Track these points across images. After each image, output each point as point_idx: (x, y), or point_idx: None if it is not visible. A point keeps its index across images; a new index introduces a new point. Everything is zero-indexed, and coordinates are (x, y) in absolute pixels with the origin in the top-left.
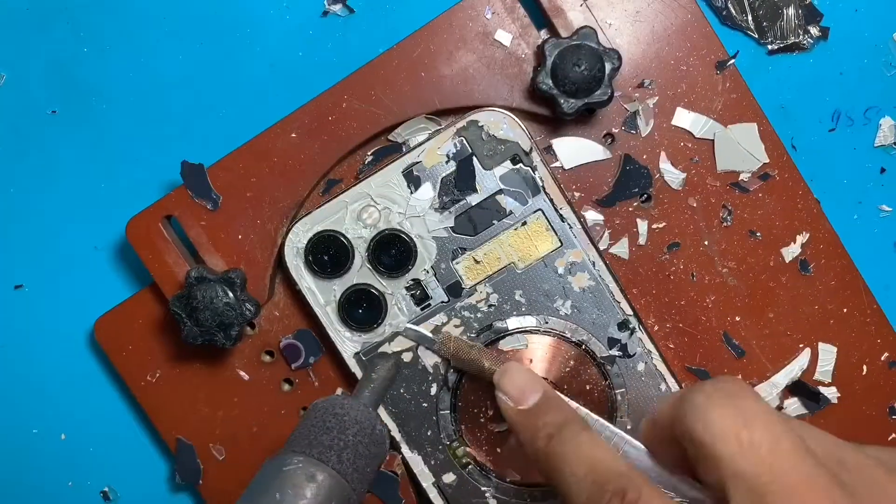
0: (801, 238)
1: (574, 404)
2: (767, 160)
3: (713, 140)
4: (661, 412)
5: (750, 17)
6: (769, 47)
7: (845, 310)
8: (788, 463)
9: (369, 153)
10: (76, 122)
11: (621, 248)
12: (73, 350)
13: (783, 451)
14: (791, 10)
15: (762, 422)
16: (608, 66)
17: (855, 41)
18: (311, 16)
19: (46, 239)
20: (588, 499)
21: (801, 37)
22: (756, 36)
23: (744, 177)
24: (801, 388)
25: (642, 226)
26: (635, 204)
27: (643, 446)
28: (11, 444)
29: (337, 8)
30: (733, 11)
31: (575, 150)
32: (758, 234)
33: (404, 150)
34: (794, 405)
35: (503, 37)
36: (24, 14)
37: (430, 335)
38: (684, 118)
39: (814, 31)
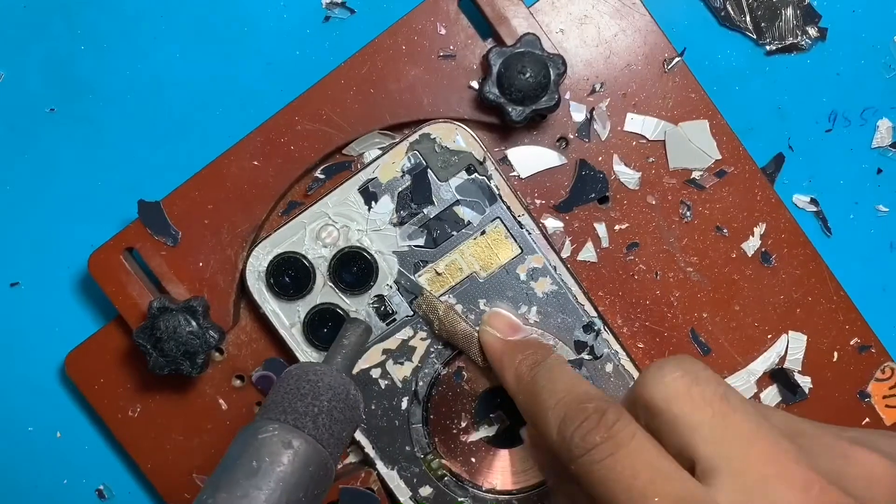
0: (759, 229)
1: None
2: (720, 157)
3: (664, 140)
4: (623, 398)
5: (748, 18)
6: (767, 48)
7: (810, 298)
8: (738, 414)
9: (319, 170)
10: (74, 120)
11: (588, 253)
12: (69, 347)
13: (733, 403)
14: (789, 11)
15: (712, 381)
16: (553, 72)
17: (852, 42)
18: (309, 15)
19: (44, 237)
20: (566, 416)
21: (799, 37)
22: (754, 36)
23: (696, 174)
24: (780, 376)
25: (600, 228)
26: (593, 207)
27: None
28: (6, 442)
29: (337, 11)
30: (731, 12)
31: (530, 157)
32: (720, 227)
33: (357, 166)
34: (771, 394)
35: (449, 49)
36: (22, 12)
37: (416, 282)
38: (636, 123)
39: (812, 31)
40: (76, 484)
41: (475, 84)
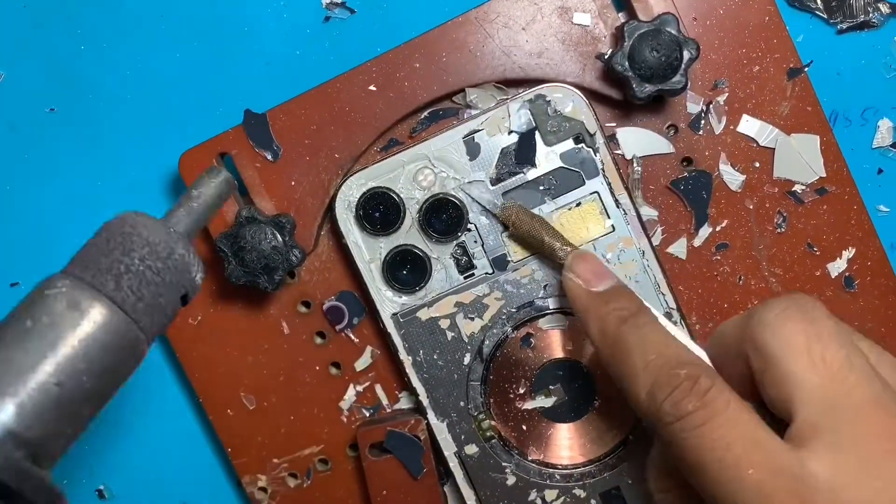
0: (847, 253)
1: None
2: (825, 174)
3: (774, 147)
4: (726, 328)
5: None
6: (839, 27)
7: (884, 329)
8: (859, 381)
9: (426, 112)
10: (74, 120)
11: (678, 248)
12: None
13: (855, 368)
14: None
15: (835, 339)
16: (686, 55)
17: (852, 42)
18: (309, 15)
19: (43, 237)
20: (657, 381)
21: (870, 14)
22: (825, 16)
23: (798, 188)
24: None
25: (704, 230)
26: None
27: (706, 356)
28: None
29: (337, 11)
30: None
31: (639, 140)
32: (811, 245)
33: (463, 115)
34: None
35: (582, 14)
36: (22, 12)
37: (493, 199)
38: (750, 126)
39: (884, 8)
40: (76, 484)
41: (605, 51)
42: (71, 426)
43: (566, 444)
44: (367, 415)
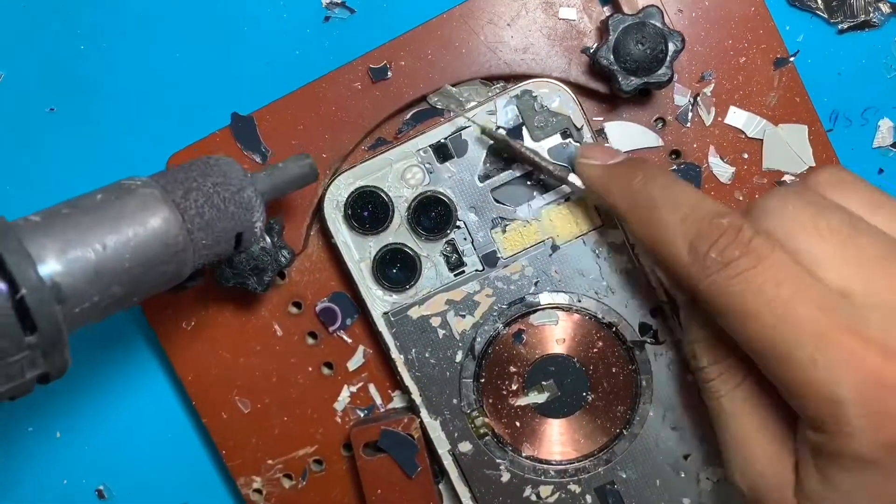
0: None
1: None
2: (814, 164)
3: (763, 139)
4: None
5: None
6: (839, 27)
7: None
8: (868, 239)
9: (408, 115)
10: (74, 120)
11: None
12: (70, 347)
13: (862, 230)
14: None
15: (836, 210)
16: (671, 48)
17: (853, 42)
18: (309, 15)
19: None
20: (699, 232)
21: (871, 14)
22: (826, 16)
23: (787, 178)
24: None
25: None
26: None
27: None
28: (6, 442)
29: (337, 11)
30: None
31: (627, 134)
32: None
33: (444, 115)
34: None
35: (567, 9)
36: (21, 12)
37: (503, 137)
38: (738, 117)
39: (884, 8)
40: (76, 484)
41: (590, 45)
42: (98, 294)
43: (560, 440)
44: (361, 415)
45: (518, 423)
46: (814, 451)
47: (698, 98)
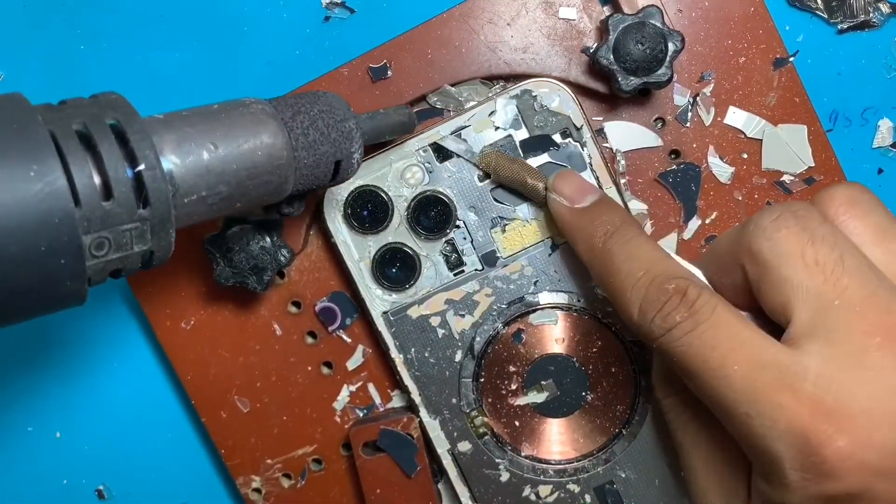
0: None
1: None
2: (813, 164)
3: (762, 139)
4: (720, 241)
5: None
6: (839, 27)
7: None
8: (852, 280)
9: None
10: None
11: (668, 244)
12: (70, 347)
13: (848, 269)
14: None
15: (828, 242)
16: (671, 47)
17: (852, 42)
18: (309, 15)
19: None
20: (646, 298)
21: (870, 14)
22: (825, 16)
23: (786, 178)
24: None
25: (693, 223)
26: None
27: (700, 272)
28: (6, 442)
29: (337, 11)
30: None
31: (627, 134)
32: None
33: (444, 114)
34: None
35: (567, 8)
36: (21, 12)
37: (469, 147)
38: (737, 118)
39: (884, 8)
40: (76, 484)
41: (590, 44)
42: (206, 190)
43: (559, 440)
44: (360, 414)
45: (517, 423)
46: (763, 498)
47: (698, 98)
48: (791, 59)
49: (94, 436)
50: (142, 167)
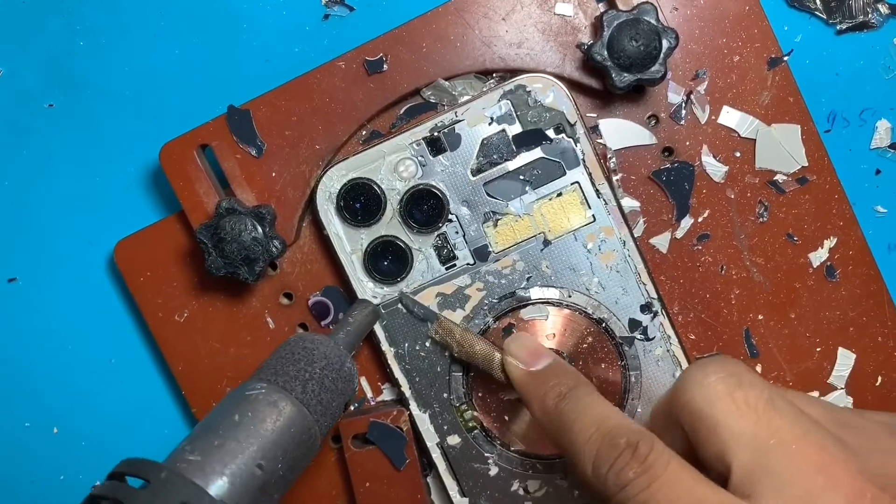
0: (829, 243)
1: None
2: (806, 163)
3: (755, 138)
4: (658, 404)
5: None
6: (838, 27)
7: (865, 319)
8: (784, 420)
9: (402, 109)
10: (72, 116)
11: (661, 241)
12: (67, 342)
13: (779, 409)
14: None
15: (756, 385)
16: (665, 44)
17: (851, 42)
18: (308, 13)
19: (41, 233)
20: (598, 454)
21: (869, 15)
22: (824, 16)
23: (779, 177)
24: None
25: (686, 221)
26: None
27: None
28: (3, 438)
29: (336, 8)
30: None
31: (621, 131)
32: (791, 235)
33: (438, 108)
34: None
35: (563, 4)
36: (21, 8)
37: (430, 309)
38: (731, 117)
39: (883, 8)
40: (73, 480)
41: (585, 40)
42: (261, 493)
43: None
44: (351, 407)
45: (507, 418)
46: None
47: (692, 96)
48: (785, 58)
49: (91, 432)
50: None
